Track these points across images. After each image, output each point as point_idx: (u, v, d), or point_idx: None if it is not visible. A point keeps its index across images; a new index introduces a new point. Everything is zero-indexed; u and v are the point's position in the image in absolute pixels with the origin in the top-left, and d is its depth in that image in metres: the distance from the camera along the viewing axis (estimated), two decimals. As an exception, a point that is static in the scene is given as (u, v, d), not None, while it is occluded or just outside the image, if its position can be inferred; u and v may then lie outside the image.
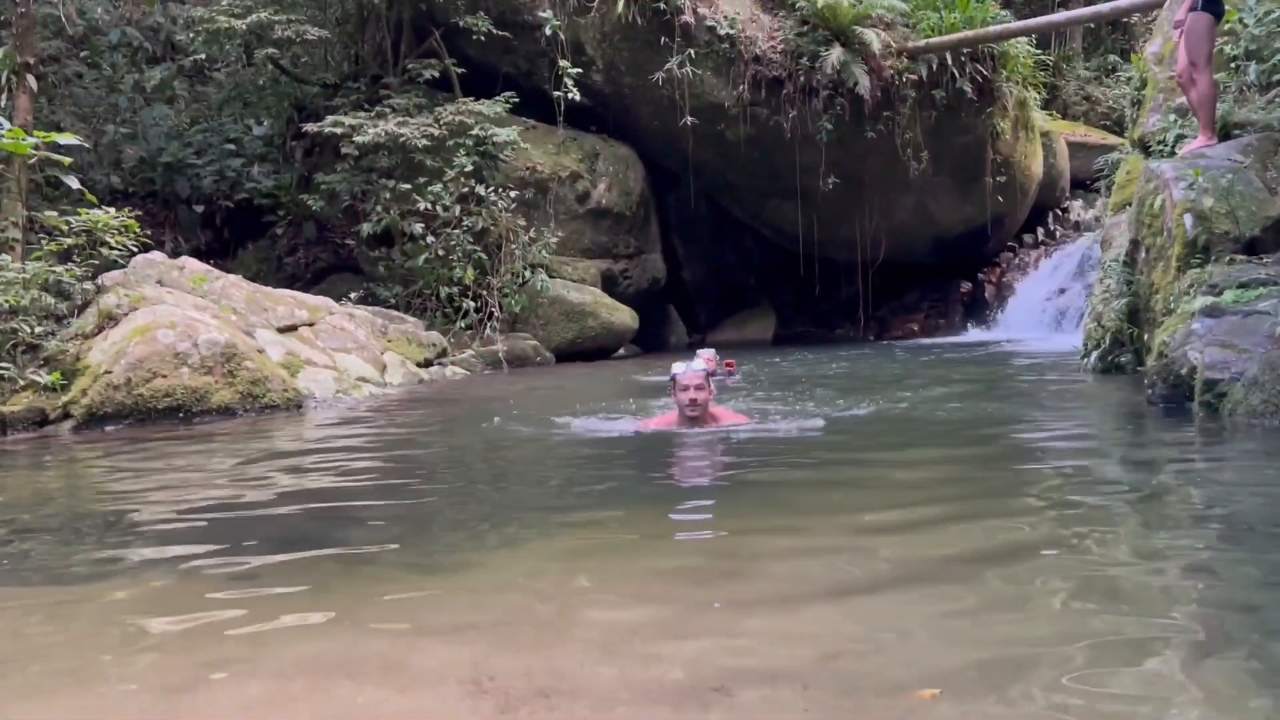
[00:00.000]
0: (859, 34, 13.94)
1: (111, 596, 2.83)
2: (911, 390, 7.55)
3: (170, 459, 5.60)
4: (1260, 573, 2.56)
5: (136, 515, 3.98)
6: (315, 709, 1.94)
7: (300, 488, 4.53)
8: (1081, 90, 19.18)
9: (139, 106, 15.86)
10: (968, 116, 14.91)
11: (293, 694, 2.01)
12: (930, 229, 16.15)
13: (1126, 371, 7.40)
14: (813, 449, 4.95)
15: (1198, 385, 5.24)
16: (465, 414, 7.74)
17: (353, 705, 1.93)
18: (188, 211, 15.09)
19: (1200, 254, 6.42)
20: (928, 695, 1.89)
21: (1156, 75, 10.24)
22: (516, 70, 14.40)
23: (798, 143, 14.29)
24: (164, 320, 7.57)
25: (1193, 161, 7.12)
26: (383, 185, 12.65)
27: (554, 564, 3.00)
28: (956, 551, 2.89)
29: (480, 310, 12.78)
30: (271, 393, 7.71)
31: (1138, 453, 4.82)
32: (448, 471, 4.98)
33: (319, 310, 10.23)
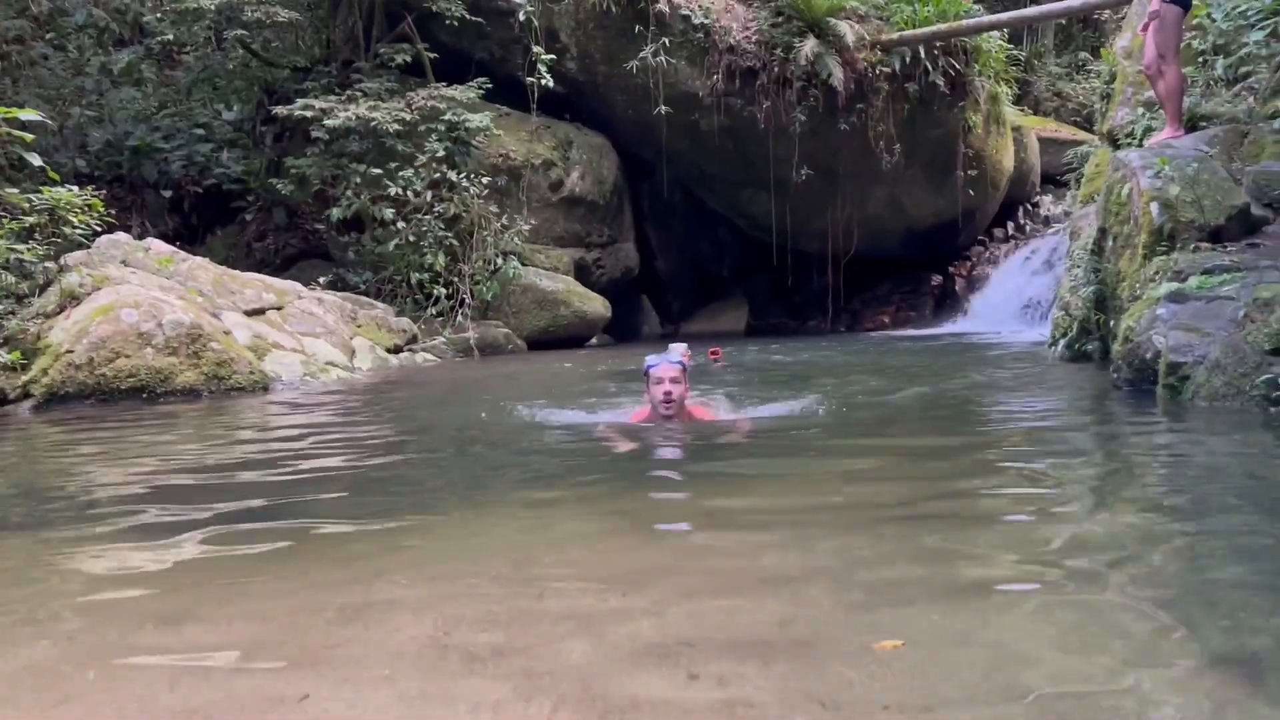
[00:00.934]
0: (833, 26, 13.97)
1: (62, 555, 2.77)
2: (878, 379, 7.58)
3: (131, 436, 5.52)
4: (1221, 544, 2.58)
5: (93, 485, 3.92)
6: (261, 668, 1.91)
7: (264, 462, 4.47)
8: (1053, 86, 19.33)
9: (105, 89, 15.62)
10: (940, 110, 14.98)
11: (248, 653, 1.98)
12: (902, 221, 16.22)
13: (1093, 359, 7.46)
14: (783, 436, 4.94)
15: (1162, 368, 5.28)
16: (434, 398, 7.68)
17: (314, 660, 1.90)
18: (155, 196, 14.88)
19: (1166, 242, 6.47)
20: (890, 646, 1.89)
21: (1126, 69, 10.33)
22: (490, 57, 14.31)
23: (771, 134, 14.30)
24: (127, 300, 7.46)
25: (1160, 151, 7.18)
26: (353, 170, 12.53)
27: (517, 535, 2.98)
28: (919, 524, 2.89)
29: (451, 297, 12.70)
30: (237, 375, 7.61)
31: (1101, 432, 4.87)
32: (412, 449, 4.94)
33: (287, 294, 10.12)
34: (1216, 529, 2.71)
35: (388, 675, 1.80)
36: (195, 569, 2.65)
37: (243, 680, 1.83)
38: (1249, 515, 2.84)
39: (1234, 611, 2.02)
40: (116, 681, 1.84)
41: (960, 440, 4.62)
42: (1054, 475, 3.52)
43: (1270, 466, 3.58)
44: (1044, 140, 17.83)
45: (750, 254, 17.37)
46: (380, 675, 1.80)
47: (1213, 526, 2.74)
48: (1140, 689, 1.67)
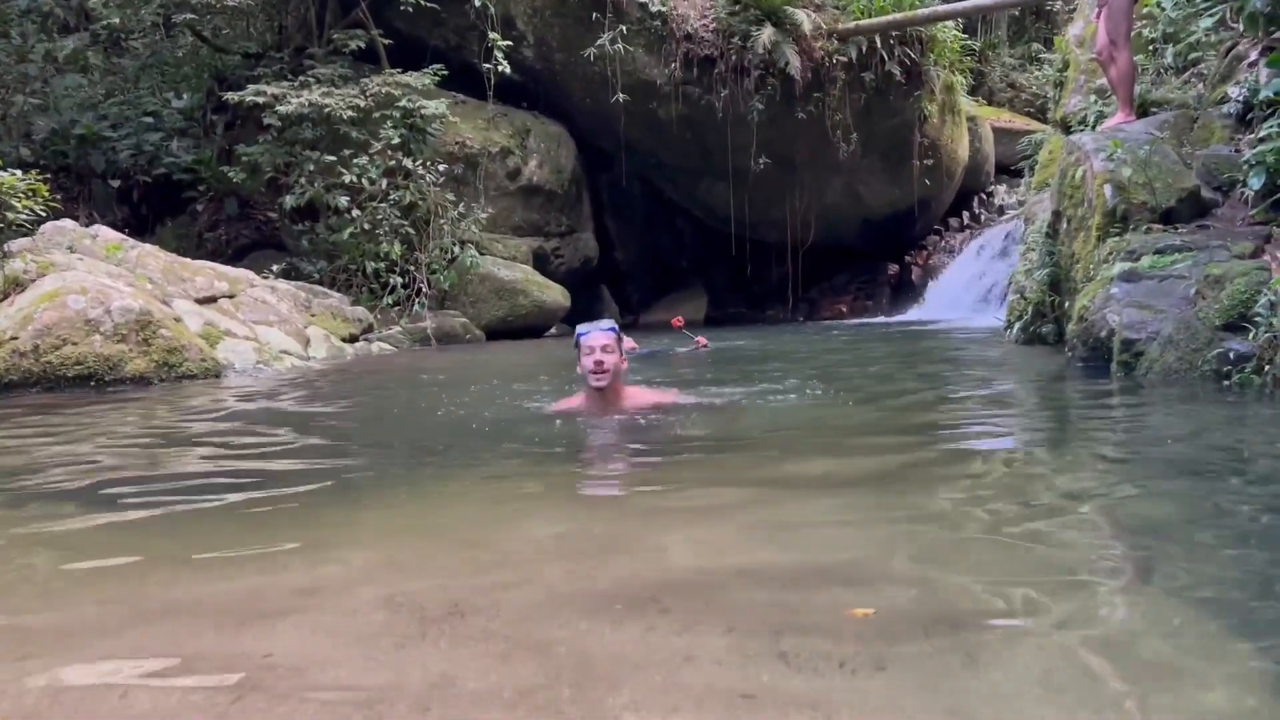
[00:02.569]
0: (790, 14, 14.00)
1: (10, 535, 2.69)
2: (835, 365, 7.61)
3: (77, 422, 5.38)
4: (1176, 506, 2.60)
5: (36, 468, 3.80)
6: (224, 632, 1.85)
7: (212, 445, 4.38)
8: (1006, 77, 19.56)
9: (50, 76, 15.23)
10: (896, 99, 15.09)
11: (204, 620, 1.92)
12: (859, 211, 16.32)
13: (1049, 342, 7.54)
14: (739, 421, 4.93)
15: (1116, 346, 5.35)
16: (386, 386, 7.59)
17: (268, 627, 1.85)
18: (103, 186, 14.55)
19: (1119, 223, 6.56)
20: (860, 614, 1.87)
21: (1078, 57, 10.47)
22: (446, 44, 14.16)
23: (729, 122, 14.31)
24: (74, 286, 7.28)
25: (1112, 134, 7.27)
26: (306, 157, 12.34)
27: (467, 507, 2.93)
28: (881, 497, 2.89)
29: (408, 287, 12.57)
30: (189, 362, 7.46)
31: (1056, 408, 4.91)
32: (364, 432, 4.86)
33: (239, 282, 9.95)
34: (1181, 492, 2.74)
35: (347, 633, 1.75)
36: (144, 547, 2.57)
37: (206, 639, 1.77)
38: (1212, 480, 2.87)
39: (1199, 562, 2.03)
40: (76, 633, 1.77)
41: (919, 422, 4.64)
42: (1016, 453, 3.53)
43: (1227, 434, 3.63)
44: (998, 130, 18.03)
45: (709, 244, 17.38)
46: (340, 634, 1.75)
47: (1176, 489, 2.77)
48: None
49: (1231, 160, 6.81)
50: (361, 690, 1.50)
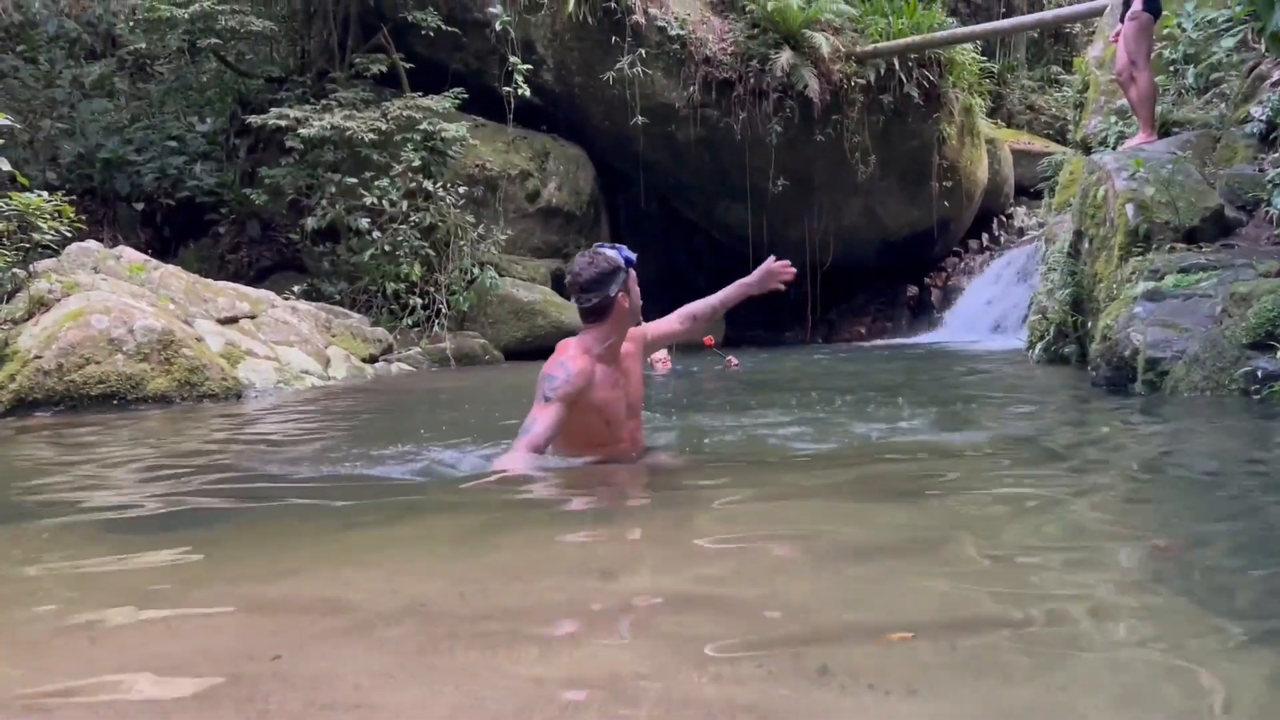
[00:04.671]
0: (808, 38, 14.05)
1: (19, 553, 2.69)
2: (859, 383, 7.58)
3: (99, 441, 5.41)
4: (1212, 521, 2.56)
5: (52, 488, 3.82)
6: (244, 633, 1.84)
7: (229, 465, 4.39)
8: (1025, 99, 19.53)
9: (77, 101, 15.45)
10: (915, 121, 15.09)
11: (221, 626, 1.91)
12: (877, 232, 16.29)
13: (1071, 362, 7.49)
14: (771, 440, 4.90)
15: (1140, 365, 5.30)
16: (406, 403, 7.60)
17: (285, 630, 1.84)
18: (127, 209, 14.69)
19: (1142, 243, 6.52)
20: (896, 638, 1.84)
21: (1098, 78, 10.45)
22: (466, 68, 14.28)
23: (748, 144, 14.34)
24: (98, 306, 7.34)
25: (1134, 154, 7.24)
26: (328, 179, 12.44)
27: (478, 535, 2.92)
28: (910, 515, 2.86)
29: (427, 307, 12.61)
30: (210, 381, 7.50)
31: (1081, 426, 4.86)
32: (383, 452, 4.86)
33: (261, 303, 10.01)
34: (1216, 507, 2.70)
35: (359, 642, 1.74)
36: (159, 563, 2.57)
37: (217, 640, 1.76)
38: (1249, 495, 2.83)
39: (1247, 594, 2.00)
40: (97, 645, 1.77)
41: (947, 444, 4.60)
42: (1044, 472, 3.49)
43: (1261, 450, 3.58)
44: (1017, 152, 17.98)
45: (727, 264, 17.32)
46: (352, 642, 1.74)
47: (1211, 505, 2.73)
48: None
49: (1255, 179, 6.77)
50: (382, 709, 1.49)
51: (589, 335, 3.62)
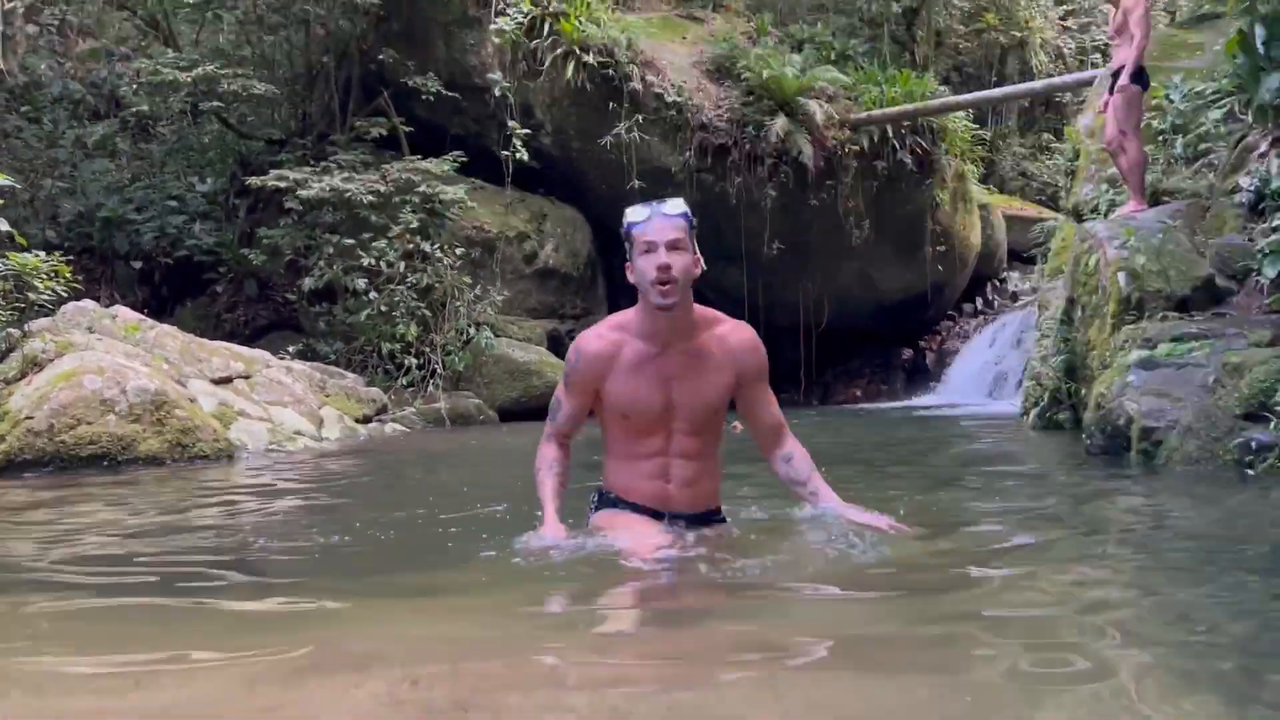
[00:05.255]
0: (803, 105, 14.27)
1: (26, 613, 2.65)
2: (852, 447, 7.56)
3: (86, 505, 5.36)
4: (1207, 599, 2.54)
5: (36, 553, 3.77)
6: (240, 709, 1.80)
7: (215, 531, 4.34)
8: (1017, 166, 19.79)
9: (79, 161, 15.60)
10: (908, 187, 15.26)
11: (215, 697, 1.87)
12: (872, 295, 16.38)
13: (1065, 428, 7.48)
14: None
15: (1134, 434, 5.29)
16: (398, 465, 7.57)
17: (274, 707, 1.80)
18: (125, 267, 14.76)
19: (1134, 310, 6.56)
20: None
21: (1089, 147, 10.60)
22: (465, 131, 14.46)
23: (743, 208, 14.48)
24: (91, 366, 7.32)
25: (1125, 222, 7.32)
26: (326, 240, 12.52)
27: (478, 599, 2.87)
28: (911, 591, 2.83)
29: (423, 368, 12.61)
30: (202, 442, 7.46)
31: (1076, 496, 4.83)
32: (376, 517, 4.81)
33: (255, 363, 10.00)
34: (1215, 591, 2.67)
35: None
36: (137, 635, 2.53)
37: None
38: (1239, 574, 2.80)
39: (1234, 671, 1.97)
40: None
41: (942, 513, 4.57)
42: (1040, 543, 3.45)
43: (1254, 526, 3.55)
44: (1010, 218, 18.17)
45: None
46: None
47: (1206, 582, 2.70)
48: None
49: (1245, 249, 6.83)
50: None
51: (632, 310, 3.07)
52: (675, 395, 3.02)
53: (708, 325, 3.11)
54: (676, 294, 2.90)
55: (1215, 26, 11.83)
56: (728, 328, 3.14)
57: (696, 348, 3.05)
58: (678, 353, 3.02)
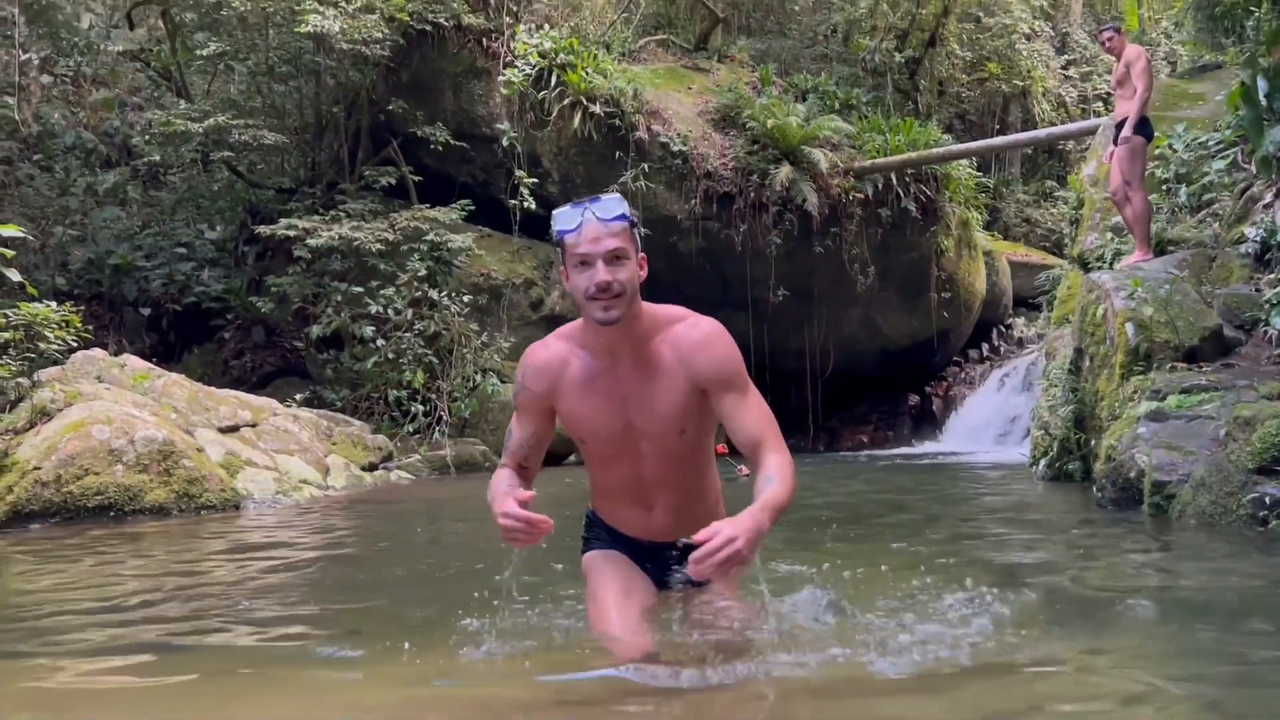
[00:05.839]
0: (807, 154, 14.39)
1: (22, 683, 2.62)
2: (864, 496, 7.52)
3: (91, 559, 5.33)
4: (1227, 664, 2.50)
5: (40, 611, 3.75)
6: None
7: (219, 588, 4.32)
8: (1021, 213, 19.90)
9: (90, 209, 15.73)
10: (912, 234, 15.34)
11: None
12: (877, 341, 16.40)
13: (1075, 479, 7.44)
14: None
15: (1146, 487, 5.26)
16: (403, 515, 7.54)
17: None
18: (134, 314, 14.83)
19: (1143, 362, 6.55)
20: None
21: (1093, 196, 10.66)
22: (473, 179, 14.59)
23: (748, 255, 14.55)
24: (100, 416, 7.34)
25: (1132, 273, 7.34)
26: (334, 288, 12.58)
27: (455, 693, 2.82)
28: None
29: (429, 414, 12.60)
30: (208, 493, 7.45)
31: (1090, 555, 4.78)
32: (380, 571, 4.79)
33: (263, 411, 10.01)
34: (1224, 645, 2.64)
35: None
36: (139, 692, 2.51)
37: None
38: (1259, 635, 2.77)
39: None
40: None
41: (955, 573, 4.52)
42: (1054, 604, 3.42)
43: (1269, 585, 3.52)
44: (1015, 264, 18.23)
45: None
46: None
47: (1219, 643, 2.67)
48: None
49: (1252, 299, 6.84)
50: None
51: (580, 320, 2.66)
52: (633, 415, 2.60)
53: (663, 327, 2.62)
54: (621, 306, 2.48)
55: (1216, 77, 11.99)
56: (684, 326, 2.62)
57: (649, 357, 2.59)
58: (629, 366, 2.59)
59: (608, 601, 2.69)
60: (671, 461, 2.66)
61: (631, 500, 2.72)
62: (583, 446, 2.73)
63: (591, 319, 2.51)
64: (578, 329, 2.66)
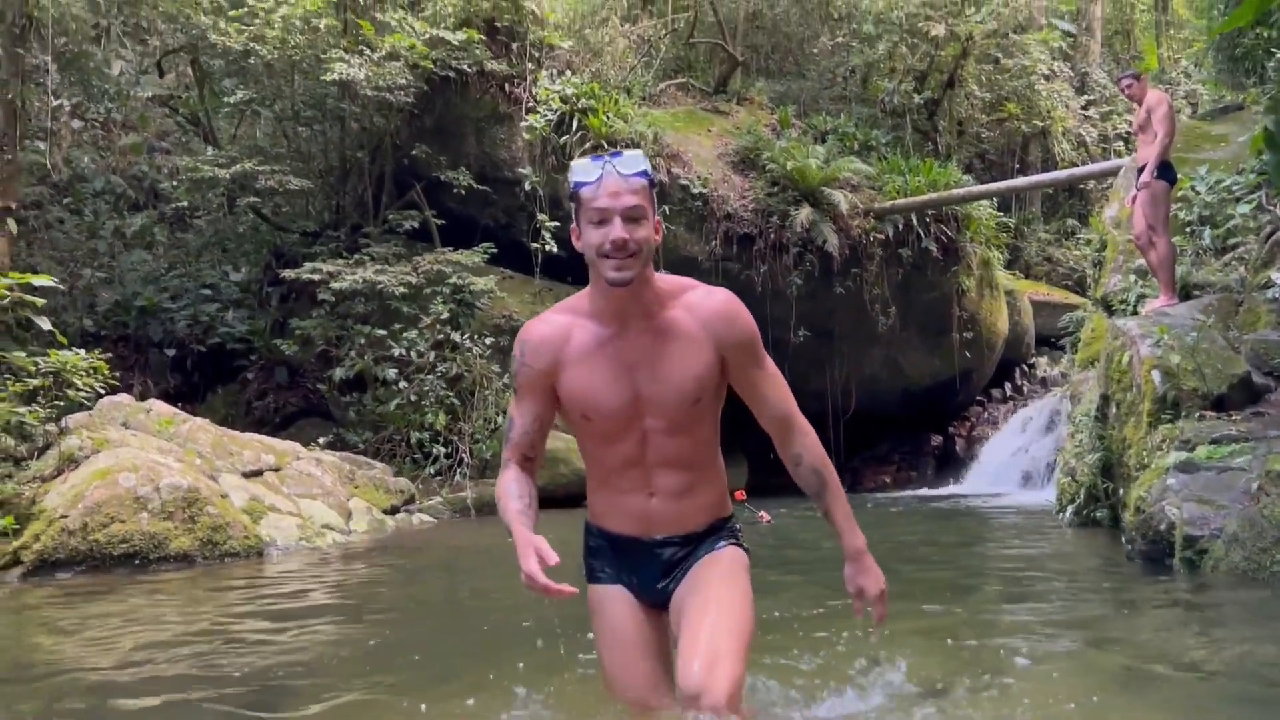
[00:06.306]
0: (827, 195, 14.43)
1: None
2: (893, 546, 7.45)
3: (117, 611, 5.35)
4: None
5: (66, 669, 3.76)
6: None
7: (240, 642, 4.31)
8: (1043, 252, 19.84)
9: (118, 251, 15.96)
10: (933, 274, 15.32)
11: None
12: (899, 381, 16.34)
13: (1103, 525, 7.36)
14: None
15: (1178, 542, 5.19)
16: (425, 565, 7.53)
17: None
18: (159, 355, 14.98)
19: (1170, 410, 6.48)
20: None
21: (1116, 238, 10.62)
22: (495, 222, 14.71)
23: (769, 296, 14.56)
24: (126, 463, 7.38)
25: (1157, 319, 7.28)
26: (358, 331, 12.68)
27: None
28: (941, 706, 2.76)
29: (450, 456, 12.62)
30: (232, 540, 7.47)
31: (1123, 611, 4.71)
32: (401, 622, 4.78)
33: (286, 455, 10.05)
34: None
35: None
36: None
37: None
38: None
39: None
40: None
41: (983, 620, 4.47)
42: (1096, 671, 3.36)
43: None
44: (1037, 303, 18.15)
45: (748, 412, 17.34)
46: None
47: None
48: None
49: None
50: None
51: (583, 292, 2.58)
52: (641, 385, 2.47)
53: (674, 295, 2.51)
54: (636, 267, 2.36)
55: (1238, 118, 11.97)
56: (699, 294, 2.52)
57: (663, 323, 2.47)
58: (639, 332, 2.47)
59: (622, 657, 2.60)
60: (678, 437, 2.52)
61: (632, 484, 2.55)
62: (584, 426, 2.54)
63: (602, 279, 2.39)
64: (581, 299, 2.54)
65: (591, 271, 2.43)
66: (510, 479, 2.56)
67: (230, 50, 13.50)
